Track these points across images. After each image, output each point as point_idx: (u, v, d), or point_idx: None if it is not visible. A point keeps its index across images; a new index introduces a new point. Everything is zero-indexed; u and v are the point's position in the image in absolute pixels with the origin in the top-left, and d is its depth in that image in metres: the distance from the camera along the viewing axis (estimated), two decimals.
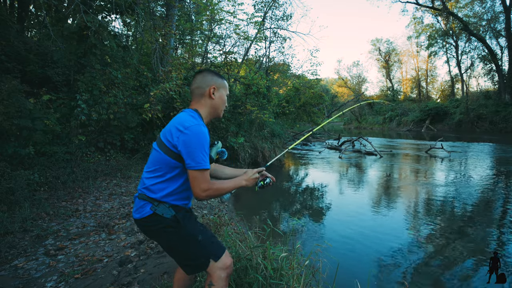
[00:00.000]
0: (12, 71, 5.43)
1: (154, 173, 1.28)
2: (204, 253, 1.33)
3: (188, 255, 1.32)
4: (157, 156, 1.28)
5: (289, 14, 14.52)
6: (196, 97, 1.39)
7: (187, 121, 1.24)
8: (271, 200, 5.65)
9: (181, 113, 1.33)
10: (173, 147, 1.23)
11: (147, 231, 1.32)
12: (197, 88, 1.38)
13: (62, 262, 2.53)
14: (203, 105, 1.39)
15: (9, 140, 4.24)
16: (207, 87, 1.38)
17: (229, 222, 3.61)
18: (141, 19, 6.35)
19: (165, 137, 1.26)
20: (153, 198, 1.27)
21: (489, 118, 22.95)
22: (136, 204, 1.30)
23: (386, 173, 7.99)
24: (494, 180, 6.61)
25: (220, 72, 8.71)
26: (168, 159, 1.25)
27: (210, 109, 1.40)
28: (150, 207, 1.26)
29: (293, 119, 12.61)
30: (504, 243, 3.47)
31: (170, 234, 1.29)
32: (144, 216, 1.27)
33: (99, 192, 4.65)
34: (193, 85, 1.40)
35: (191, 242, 1.31)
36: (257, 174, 1.43)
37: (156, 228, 1.28)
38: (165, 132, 1.28)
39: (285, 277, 1.82)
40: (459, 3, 27.61)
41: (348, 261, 3.05)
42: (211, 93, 1.38)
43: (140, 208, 1.27)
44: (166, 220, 1.26)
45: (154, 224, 1.27)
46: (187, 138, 1.19)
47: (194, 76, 1.43)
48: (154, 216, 1.26)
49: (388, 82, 42.59)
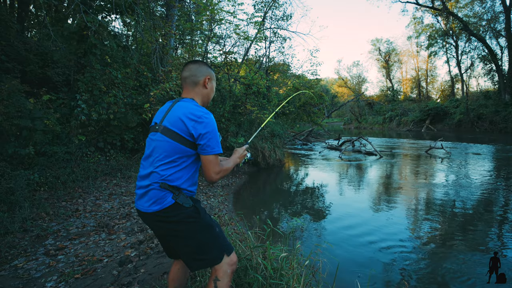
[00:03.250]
0: (12, 71, 5.43)
1: (171, 164, 1.28)
2: (220, 246, 1.36)
3: (204, 248, 1.32)
4: (169, 146, 1.27)
5: (289, 14, 14.55)
6: (189, 85, 1.41)
7: (197, 110, 1.28)
8: (271, 200, 5.65)
9: (184, 103, 1.34)
10: (188, 136, 1.26)
11: (165, 223, 1.29)
12: (192, 76, 1.40)
13: (62, 262, 2.53)
14: (197, 93, 1.42)
15: (9, 140, 4.24)
16: (202, 77, 1.42)
17: (229, 222, 3.61)
18: (141, 19, 6.34)
19: (175, 127, 1.27)
20: (174, 186, 1.27)
21: (489, 118, 22.92)
22: (153, 196, 1.26)
23: (386, 173, 7.98)
24: (494, 180, 6.61)
25: (220, 72, 8.70)
26: (183, 148, 1.27)
27: (203, 98, 1.45)
28: (172, 196, 1.26)
29: (293, 119, 12.62)
30: (504, 243, 3.47)
31: (191, 224, 1.30)
32: (165, 207, 1.25)
33: (99, 192, 4.65)
34: (186, 73, 1.41)
35: (210, 233, 1.34)
36: (246, 151, 1.58)
37: (177, 218, 1.27)
38: (172, 121, 1.29)
39: (285, 277, 1.82)
40: (459, 3, 27.60)
41: (348, 261, 3.05)
42: (206, 83, 1.42)
43: (160, 199, 1.25)
44: (187, 210, 1.28)
45: (175, 214, 1.27)
46: (203, 126, 1.26)
47: (187, 64, 1.44)
48: (176, 205, 1.26)
49: (388, 82, 42.60)
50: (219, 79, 8.53)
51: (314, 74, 16.19)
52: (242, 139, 7.41)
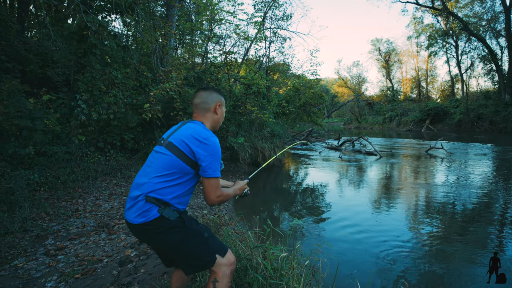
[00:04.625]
0: (12, 71, 5.42)
1: (166, 177, 1.29)
2: (211, 249, 1.37)
3: (194, 253, 1.34)
4: (169, 160, 1.30)
5: (289, 14, 14.55)
6: (200, 111, 1.47)
7: (204, 133, 1.33)
8: (271, 200, 5.65)
9: (193, 124, 1.39)
10: (190, 154, 1.29)
11: (150, 234, 1.29)
12: (203, 103, 1.46)
13: (62, 262, 2.53)
14: (208, 119, 1.47)
15: (9, 140, 4.24)
16: (213, 104, 1.47)
17: (229, 222, 3.61)
18: (141, 19, 6.34)
19: (180, 143, 1.30)
20: (161, 200, 1.27)
21: (489, 118, 22.91)
22: (139, 208, 1.27)
23: (386, 173, 7.98)
24: (494, 180, 6.61)
25: (220, 72, 8.70)
26: (182, 164, 1.29)
27: (213, 123, 1.50)
28: (158, 210, 1.26)
29: (293, 119, 12.61)
30: (504, 243, 3.47)
31: (177, 233, 1.30)
32: (149, 220, 1.25)
33: (99, 192, 4.65)
34: (197, 100, 1.47)
35: (198, 239, 1.35)
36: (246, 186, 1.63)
37: (161, 230, 1.28)
38: (178, 138, 1.32)
39: (285, 277, 1.82)
40: (459, 3, 27.59)
41: (348, 261, 3.05)
42: (216, 109, 1.49)
43: (145, 212, 1.26)
44: (171, 222, 1.28)
45: (159, 226, 1.27)
46: (208, 148, 1.29)
47: (198, 91, 1.51)
48: (161, 219, 1.26)
49: (388, 82, 42.58)
50: (219, 79, 8.53)
51: (314, 74, 16.19)
52: (242, 139, 7.41)
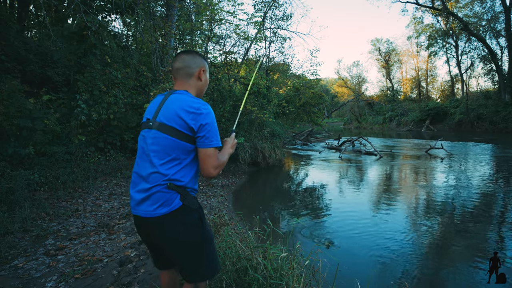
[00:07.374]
0: (12, 71, 5.42)
1: (172, 162, 1.19)
2: (215, 259, 1.34)
3: (203, 259, 1.29)
4: (168, 143, 1.18)
5: (289, 14, 14.58)
6: (183, 77, 1.32)
7: (194, 102, 1.20)
8: (271, 200, 5.65)
9: (178, 95, 1.25)
10: (188, 130, 1.18)
11: (170, 226, 1.19)
12: (186, 68, 1.31)
13: (62, 262, 2.53)
14: (192, 86, 1.34)
15: (9, 140, 4.24)
16: (197, 68, 1.33)
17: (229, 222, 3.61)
18: (141, 19, 6.35)
19: (173, 121, 1.18)
20: (180, 186, 1.19)
21: (489, 118, 22.93)
22: (159, 198, 1.17)
23: (386, 174, 7.98)
24: (494, 180, 6.61)
25: (220, 72, 8.70)
26: (183, 144, 1.19)
27: (197, 91, 1.36)
28: (180, 198, 1.19)
29: (293, 119, 12.61)
30: (504, 243, 3.47)
31: (196, 229, 1.24)
32: (174, 209, 1.17)
33: (99, 192, 4.65)
34: (179, 63, 1.32)
35: (209, 243, 1.31)
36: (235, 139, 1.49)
37: (182, 223, 1.20)
38: (168, 116, 1.20)
39: (285, 277, 1.82)
40: (459, 3, 27.61)
41: (348, 261, 3.05)
42: (201, 75, 1.35)
43: (167, 201, 1.17)
44: (193, 214, 1.23)
45: (182, 219, 1.20)
46: (203, 117, 1.18)
47: (179, 54, 1.35)
48: (183, 208, 1.20)
49: (388, 82, 42.60)
50: (219, 79, 8.53)
51: (314, 74, 16.22)
52: (242, 139, 7.41)
